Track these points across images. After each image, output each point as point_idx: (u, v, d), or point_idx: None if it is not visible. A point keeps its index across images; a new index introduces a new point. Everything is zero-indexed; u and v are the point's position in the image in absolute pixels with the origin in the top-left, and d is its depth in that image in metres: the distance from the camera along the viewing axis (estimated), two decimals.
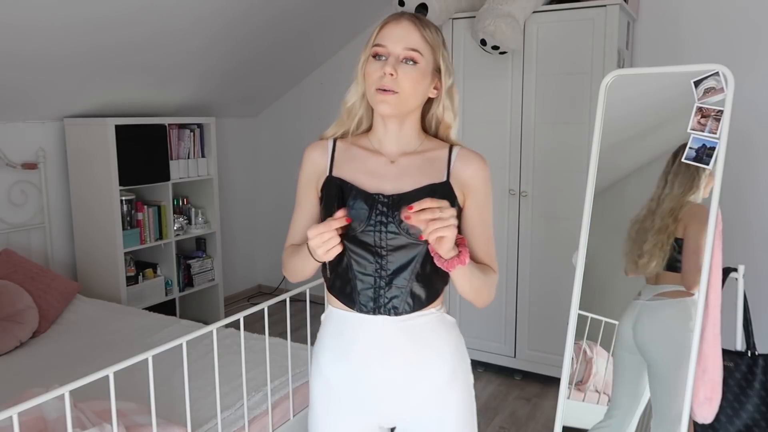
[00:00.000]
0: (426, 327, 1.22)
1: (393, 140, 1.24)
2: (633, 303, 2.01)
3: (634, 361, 2.00)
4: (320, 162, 1.27)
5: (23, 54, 2.66)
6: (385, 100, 1.15)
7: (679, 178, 1.89)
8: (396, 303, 1.19)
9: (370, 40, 1.19)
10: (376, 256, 1.18)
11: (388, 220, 1.16)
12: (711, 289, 1.78)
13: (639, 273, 2.00)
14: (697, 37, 3.05)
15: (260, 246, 4.82)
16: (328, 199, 1.22)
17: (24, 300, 2.65)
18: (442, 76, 1.22)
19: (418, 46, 1.16)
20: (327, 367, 1.28)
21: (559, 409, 2.04)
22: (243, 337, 1.91)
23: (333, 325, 1.27)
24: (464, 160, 1.22)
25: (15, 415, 1.25)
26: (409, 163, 1.22)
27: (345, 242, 1.17)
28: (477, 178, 1.22)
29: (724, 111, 1.79)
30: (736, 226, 2.88)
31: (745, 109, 2.76)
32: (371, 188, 1.19)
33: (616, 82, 1.98)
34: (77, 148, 3.31)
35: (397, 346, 1.20)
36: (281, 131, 4.59)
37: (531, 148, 3.03)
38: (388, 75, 1.14)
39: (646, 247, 1.94)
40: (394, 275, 1.18)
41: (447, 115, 1.25)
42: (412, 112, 1.22)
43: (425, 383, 1.22)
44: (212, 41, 3.29)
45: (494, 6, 2.79)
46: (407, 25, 1.17)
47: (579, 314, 2.03)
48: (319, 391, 1.30)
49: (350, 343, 1.23)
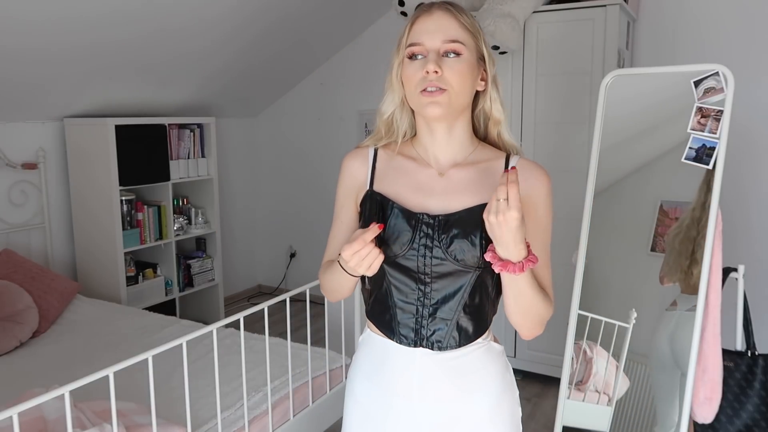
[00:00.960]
0: (470, 358, 1.09)
1: (442, 149, 1.09)
2: (667, 315, 1.96)
3: (673, 379, 1.94)
4: (360, 173, 1.14)
5: (23, 54, 2.66)
6: (434, 101, 1.01)
7: None
8: (440, 336, 1.07)
9: (402, 40, 1.06)
10: (419, 284, 1.06)
11: (433, 244, 1.04)
12: (711, 289, 1.78)
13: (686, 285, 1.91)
14: (697, 37, 3.05)
15: (260, 246, 4.82)
16: (366, 218, 1.08)
17: (24, 300, 2.65)
18: (487, 64, 1.08)
19: (458, 36, 1.02)
20: (362, 394, 1.17)
21: (559, 409, 2.04)
22: (243, 337, 1.91)
23: (369, 349, 1.16)
24: (523, 173, 1.05)
25: (15, 415, 1.25)
26: (460, 176, 1.08)
27: (385, 266, 1.07)
28: (535, 194, 1.06)
29: (724, 111, 1.79)
30: (736, 226, 2.88)
31: (745, 109, 2.76)
32: (415, 206, 1.06)
33: (616, 82, 1.98)
34: (77, 148, 3.31)
35: (439, 382, 1.08)
36: (281, 131, 4.59)
37: (531, 148, 3.02)
38: (432, 73, 1.00)
39: (699, 254, 1.83)
40: (439, 305, 1.06)
41: (495, 109, 1.11)
42: (462, 113, 1.08)
43: (467, 419, 1.10)
44: (212, 41, 3.29)
45: (494, 6, 2.79)
46: (441, 14, 1.03)
47: (579, 314, 2.03)
48: (353, 417, 1.19)
49: (387, 374, 1.12)
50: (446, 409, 1.09)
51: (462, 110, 1.08)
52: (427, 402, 1.09)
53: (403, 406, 1.11)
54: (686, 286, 1.93)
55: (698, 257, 1.84)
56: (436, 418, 1.10)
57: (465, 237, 1.02)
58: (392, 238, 1.05)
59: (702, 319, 1.78)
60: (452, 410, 1.09)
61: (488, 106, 1.11)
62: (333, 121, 4.29)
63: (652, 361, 1.98)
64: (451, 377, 1.08)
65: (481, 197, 1.04)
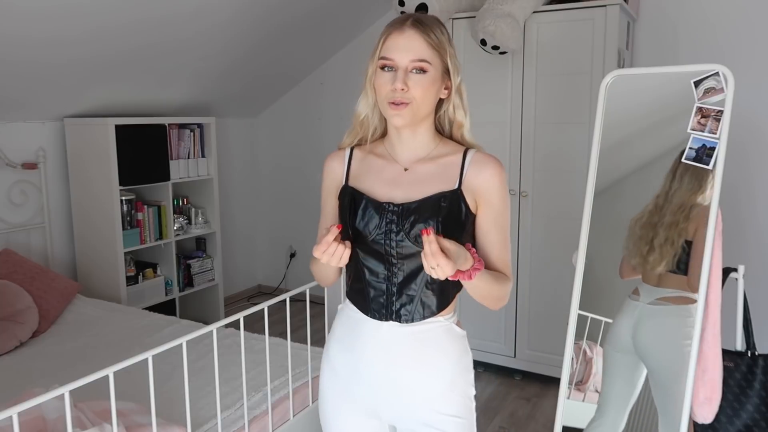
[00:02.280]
0: (431, 334, 1.23)
1: (407, 147, 1.25)
2: (631, 303, 1.99)
3: (628, 361, 1.99)
4: (338, 172, 1.31)
5: (23, 53, 2.65)
6: (398, 113, 1.16)
7: (688, 175, 1.87)
8: (406, 311, 1.22)
9: (376, 50, 1.19)
10: (387, 264, 1.21)
11: (397, 229, 1.18)
12: (711, 289, 1.78)
13: (644, 271, 1.97)
14: (697, 37, 3.05)
15: (260, 246, 4.82)
16: (342, 209, 1.26)
17: (24, 300, 2.65)
18: (451, 75, 1.21)
19: (425, 56, 1.15)
20: (335, 356, 1.32)
21: (559, 409, 2.04)
22: (243, 337, 1.91)
23: (345, 319, 1.32)
24: (477, 166, 1.21)
25: (15, 415, 1.25)
26: (423, 170, 1.23)
27: (358, 250, 1.22)
28: (490, 184, 1.21)
29: (724, 111, 1.79)
30: (736, 227, 2.88)
31: (745, 109, 2.76)
32: (383, 197, 1.22)
33: (616, 82, 1.98)
34: (77, 148, 3.31)
35: (400, 350, 1.23)
36: (281, 131, 4.59)
37: (531, 148, 3.03)
38: (399, 90, 1.14)
39: (657, 242, 1.90)
40: (405, 283, 1.21)
41: (458, 114, 1.25)
42: (425, 118, 1.22)
43: (422, 389, 1.23)
44: (213, 41, 3.29)
45: (494, 6, 2.79)
46: (412, 34, 1.15)
47: (579, 314, 2.02)
48: (326, 375, 1.35)
49: (357, 339, 1.27)
50: (404, 378, 1.23)
51: (425, 116, 1.22)
52: (389, 370, 1.23)
53: (368, 371, 1.25)
54: (645, 273, 1.96)
55: (656, 244, 1.90)
56: (394, 386, 1.24)
57: (423, 222, 1.17)
58: (363, 225, 1.21)
59: (702, 319, 1.77)
60: (410, 380, 1.23)
61: (451, 111, 1.25)
62: (333, 121, 4.29)
63: (610, 343, 2.01)
64: (414, 348, 1.23)
65: (440, 187, 1.20)
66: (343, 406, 1.31)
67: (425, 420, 1.24)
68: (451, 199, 1.19)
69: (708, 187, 1.82)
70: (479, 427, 2.72)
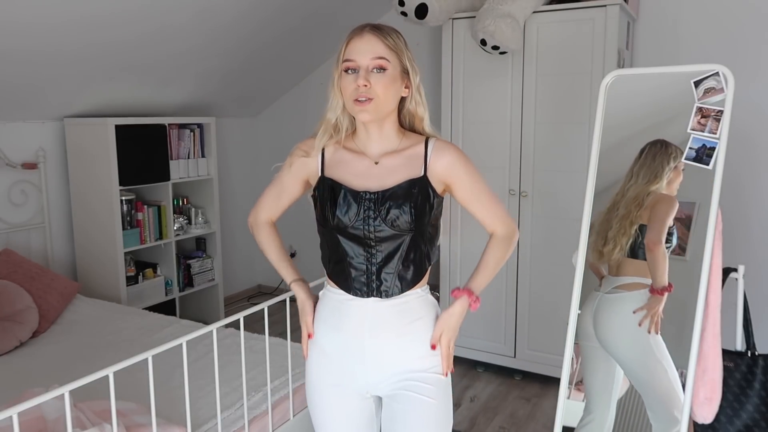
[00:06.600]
0: (410, 306, 1.37)
1: (375, 143, 1.38)
2: (592, 294, 2.04)
3: (602, 351, 2.02)
4: (311, 163, 1.45)
5: (23, 54, 2.66)
6: (364, 109, 1.29)
7: (643, 170, 1.96)
8: (386, 287, 1.34)
9: (339, 57, 1.31)
10: (366, 247, 1.34)
11: (374, 215, 1.31)
12: (711, 289, 1.78)
13: (602, 262, 2.04)
14: (697, 37, 3.05)
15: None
16: (321, 198, 1.37)
17: (24, 300, 2.65)
18: (410, 76, 1.34)
19: (383, 54, 1.29)
20: (322, 337, 1.43)
21: (559, 409, 2.04)
22: (243, 337, 1.91)
23: (329, 302, 1.42)
24: (437, 153, 1.36)
25: (15, 415, 1.25)
26: (391, 162, 1.36)
27: (338, 235, 1.35)
28: (452, 166, 1.35)
29: (724, 111, 1.79)
30: (736, 226, 2.88)
31: (745, 109, 2.76)
32: (359, 187, 1.34)
33: (616, 82, 1.98)
34: (77, 148, 3.31)
35: (386, 321, 1.36)
36: (281, 131, 4.59)
37: (531, 148, 3.03)
38: (362, 86, 1.27)
39: (611, 234, 2.00)
40: (384, 263, 1.34)
41: (419, 110, 1.38)
42: (390, 114, 1.35)
43: (409, 352, 1.37)
44: (213, 41, 3.29)
45: (494, 6, 2.79)
46: (370, 37, 1.29)
47: (579, 314, 2.03)
48: (314, 358, 1.45)
49: (343, 318, 1.38)
50: (390, 346, 1.36)
51: (389, 113, 1.35)
52: (374, 341, 1.35)
53: (355, 344, 1.37)
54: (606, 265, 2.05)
55: (610, 236, 1.99)
56: (381, 355, 1.36)
57: (398, 207, 1.30)
58: (343, 213, 1.33)
59: (702, 319, 1.77)
60: (394, 346, 1.36)
61: (413, 107, 1.38)
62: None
63: (579, 336, 2.06)
64: (396, 318, 1.36)
65: (408, 174, 1.34)
66: (332, 388, 1.41)
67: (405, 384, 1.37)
68: (420, 185, 1.33)
69: (665, 178, 1.91)
70: (479, 427, 2.72)
